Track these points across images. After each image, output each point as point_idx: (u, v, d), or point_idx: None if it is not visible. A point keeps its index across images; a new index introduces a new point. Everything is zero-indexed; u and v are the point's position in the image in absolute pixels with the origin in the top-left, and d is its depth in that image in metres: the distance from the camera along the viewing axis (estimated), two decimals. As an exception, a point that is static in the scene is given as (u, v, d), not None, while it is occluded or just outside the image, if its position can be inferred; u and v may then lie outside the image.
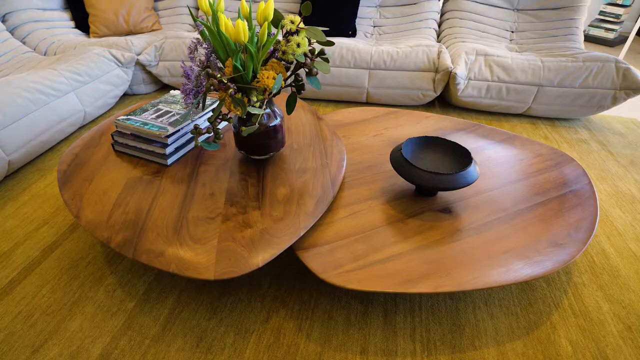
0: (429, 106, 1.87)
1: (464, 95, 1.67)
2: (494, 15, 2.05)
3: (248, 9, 0.84)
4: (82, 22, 2.09)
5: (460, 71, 1.59)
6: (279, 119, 0.94)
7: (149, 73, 1.89)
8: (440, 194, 0.98)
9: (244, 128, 0.76)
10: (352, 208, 0.92)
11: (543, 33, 1.97)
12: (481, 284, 0.72)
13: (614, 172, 1.38)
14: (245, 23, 0.73)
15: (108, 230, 0.77)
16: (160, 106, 1.08)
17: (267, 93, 0.80)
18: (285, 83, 0.88)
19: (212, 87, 0.71)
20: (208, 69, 0.69)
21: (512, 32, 2.03)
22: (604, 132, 1.65)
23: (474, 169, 0.88)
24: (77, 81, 1.49)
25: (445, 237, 0.84)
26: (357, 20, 2.14)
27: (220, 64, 0.92)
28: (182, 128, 0.99)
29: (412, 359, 0.77)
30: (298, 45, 0.80)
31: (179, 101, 1.11)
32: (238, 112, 0.82)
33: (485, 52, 1.63)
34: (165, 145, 0.95)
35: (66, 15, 2.06)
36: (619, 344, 0.80)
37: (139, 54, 1.83)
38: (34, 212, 1.15)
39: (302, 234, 0.78)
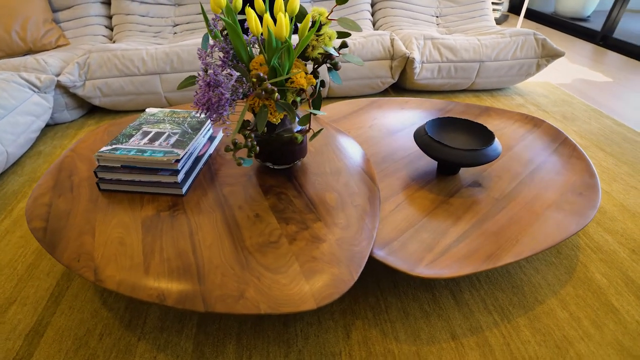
0: (383, 93, 1.94)
1: (420, 78, 1.77)
2: (419, 2, 2.21)
3: (264, 6, 0.75)
4: (-44, 43, 1.63)
5: (417, 56, 1.67)
6: (303, 121, 0.86)
7: (73, 96, 1.57)
8: (460, 170, 1.02)
9: (297, 135, 0.68)
10: (394, 200, 0.91)
11: (463, 15, 2.19)
12: (551, 242, 0.77)
13: (557, 126, 1.62)
14: (287, 17, 0.65)
15: (154, 287, 0.62)
16: (145, 128, 0.91)
17: (308, 94, 0.73)
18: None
19: (263, 93, 0.62)
20: (259, 73, 0.60)
21: (437, 17, 2.22)
22: (532, 96, 1.92)
23: (497, 143, 0.93)
24: (-10, 116, 1.16)
25: (491, 208, 0.88)
26: (295, 17, 2.10)
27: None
28: (189, 150, 0.85)
29: (498, 329, 0.79)
30: (329, 39, 0.75)
31: (164, 119, 0.95)
32: (274, 120, 0.73)
33: (431, 36, 1.75)
34: (176, 172, 0.80)
35: None
36: (633, 266, 0.94)
37: (57, 75, 1.51)
38: (-13, 292, 0.87)
39: (375, 236, 0.73)
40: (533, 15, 3.66)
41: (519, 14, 3.78)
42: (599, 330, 0.79)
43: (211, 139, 0.98)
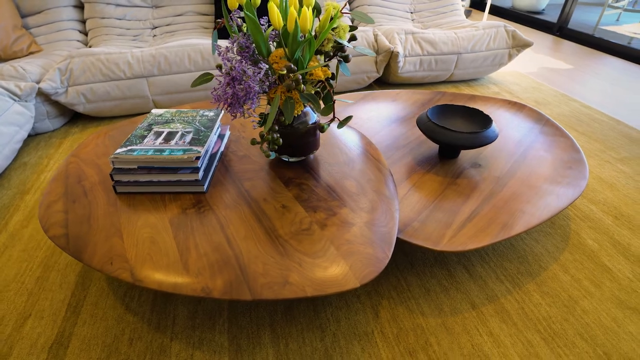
0: (368, 87, 1.99)
1: (403, 72, 1.84)
2: (393, -1, 2.28)
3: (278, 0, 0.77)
4: None
5: (400, 50, 1.74)
6: (316, 114, 0.89)
7: (55, 104, 1.50)
8: (460, 154, 1.08)
9: (323, 124, 0.71)
10: (406, 185, 0.95)
11: (436, 11, 2.29)
12: (554, 211, 0.84)
13: (531, 112, 1.74)
14: (310, 10, 0.68)
15: (197, 281, 0.63)
16: (156, 129, 0.90)
17: (328, 85, 0.76)
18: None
19: (293, 84, 0.64)
20: (290, 64, 0.62)
21: (412, 12, 2.31)
22: (505, 84, 2.04)
23: (495, 126, 1.00)
24: (-27, 127, 1.10)
25: (495, 186, 0.95)
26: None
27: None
28: (206, 147, 0.85)
29: (512, 296, 0.85)
30: (343, 31, 0.78)
31: (173, 119, 0.94)
32: (296, 112, 0.75)
33: (412, 30, 1.82)
34: (197, 170, 0.81)
35: None
36: (619, 230, 1.05)
37: (38, 82, 1.44)
38: (-2, 309, 0.83)
39: (398, 217, 0.77)
40: (494, 10, 3.87)
41: (480, 10, 3.98)
42: (598, 289, 0.88)
43: (221, 136, 0.98)
